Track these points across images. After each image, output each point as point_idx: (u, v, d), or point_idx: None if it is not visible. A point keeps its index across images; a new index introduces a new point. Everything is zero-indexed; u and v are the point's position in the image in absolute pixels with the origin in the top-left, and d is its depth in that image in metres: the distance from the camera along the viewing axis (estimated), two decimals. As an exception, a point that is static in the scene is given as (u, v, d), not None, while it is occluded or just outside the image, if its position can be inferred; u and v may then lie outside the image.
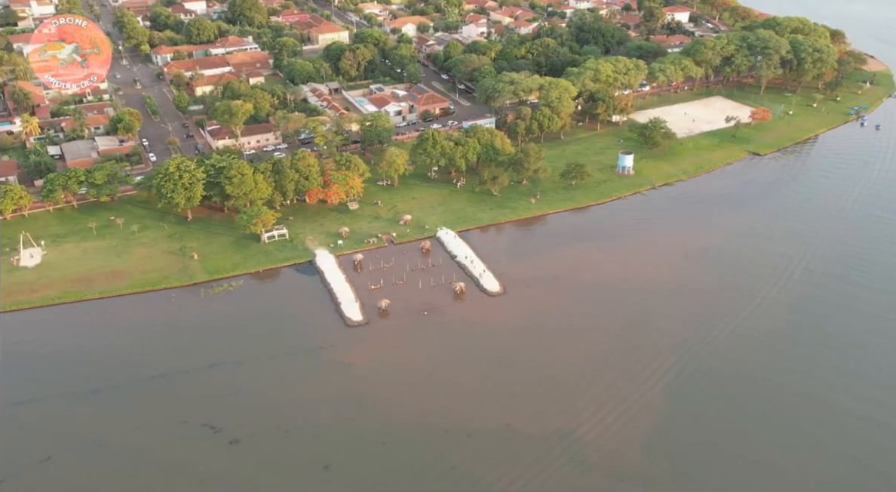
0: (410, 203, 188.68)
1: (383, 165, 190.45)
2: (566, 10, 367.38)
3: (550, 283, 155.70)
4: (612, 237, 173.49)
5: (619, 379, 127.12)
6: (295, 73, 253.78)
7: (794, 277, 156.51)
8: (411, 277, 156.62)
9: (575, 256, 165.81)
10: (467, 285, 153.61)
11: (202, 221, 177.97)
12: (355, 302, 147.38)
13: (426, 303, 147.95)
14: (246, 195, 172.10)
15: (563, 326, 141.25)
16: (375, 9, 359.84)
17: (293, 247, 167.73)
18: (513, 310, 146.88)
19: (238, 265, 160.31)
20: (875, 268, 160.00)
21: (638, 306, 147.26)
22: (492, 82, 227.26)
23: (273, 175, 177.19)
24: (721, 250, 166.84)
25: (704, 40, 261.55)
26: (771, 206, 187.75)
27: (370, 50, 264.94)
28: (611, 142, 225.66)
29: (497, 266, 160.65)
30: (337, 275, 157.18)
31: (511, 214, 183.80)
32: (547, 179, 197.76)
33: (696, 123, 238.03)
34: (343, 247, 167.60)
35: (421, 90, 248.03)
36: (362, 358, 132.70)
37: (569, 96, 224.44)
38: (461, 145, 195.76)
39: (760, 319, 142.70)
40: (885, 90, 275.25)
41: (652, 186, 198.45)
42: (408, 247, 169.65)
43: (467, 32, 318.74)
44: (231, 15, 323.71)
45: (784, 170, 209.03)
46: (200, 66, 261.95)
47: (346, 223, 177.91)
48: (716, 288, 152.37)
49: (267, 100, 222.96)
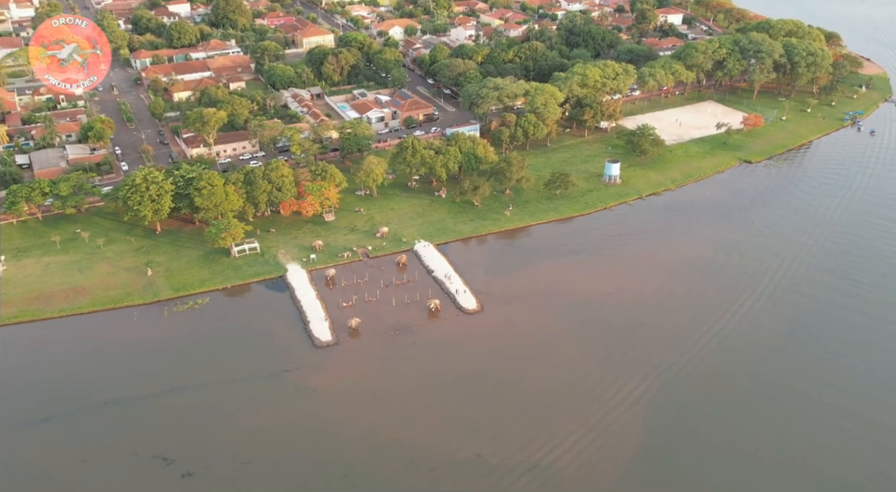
0: (389, 214, 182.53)
1: (361, 175, 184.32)
2: (558, 11, 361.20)
3: (530, 299, 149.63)
4: (595, 250, 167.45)
5: (596, 404, 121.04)
6: (275, 78, 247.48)
7: (783, 293, 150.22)
8: (385, 294, 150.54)
9: (557, 270, 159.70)
10: (443, 302, 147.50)
11: (171, 233, 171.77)
12: (325, 321, 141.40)
13: (399, 321, 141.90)
14: (216, 207, 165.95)
15: (540, 347, 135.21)
16: (363, 11, 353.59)
17: (264, 261, 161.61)
18: (489, 329, 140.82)
19: (205, 281, 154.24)
20: (870, 281, 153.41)
21: (619, 324, 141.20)
22: (476, 88, 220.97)
23: (245, 186, 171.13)
24: (708, 264, 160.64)
25: (696, 44, 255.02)
26: (761, 216, 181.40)
27: (354, 54, 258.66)
28: (598, 149, 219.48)
29: (475, 281, 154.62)
30: (308, 291, 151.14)
31: (492, 225, 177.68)
32: (531, 188, 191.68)
33: (686, 130, 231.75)
34: (316, 261, 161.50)
35: (405, 95, 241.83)
36: (328, 382, 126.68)
37: (555, 102, 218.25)
38: (442, 154, 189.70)
39: (747, 340, 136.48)
40: (881, 94, 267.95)
41: (639, 196, 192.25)
42: (383, 261, 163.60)
43: (455, 35, 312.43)
44: (214, 18, 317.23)
45: (776, 178, 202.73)
46: (179, 71, 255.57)
47: (320, 236, 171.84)
48: (701, 305, 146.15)
49: (245, 106, 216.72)
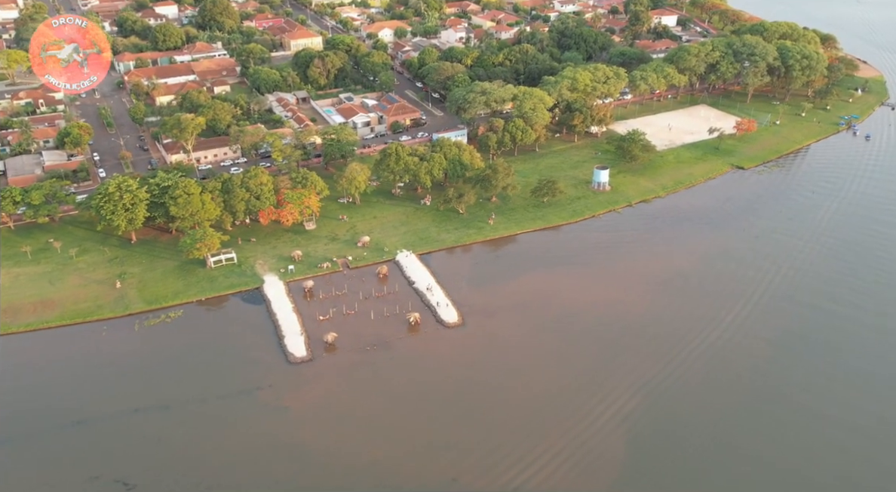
0: (371, 223, 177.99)
1: (343, 183, 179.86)
2: (550, 13, 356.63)
3: (513, 312, 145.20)
4: (582, 260, 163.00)
5: (578, 424, 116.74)
6: (260, 81, 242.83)
7: (773, 306, 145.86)
8: (364, 307, 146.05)
9: (541, 281, 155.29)
10: (423, 316, 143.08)
11: (147, 243, 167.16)
12: (300, 335, 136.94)
13: (377, 336, 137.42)
14: (192, 216, 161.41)
15: (521, 363, 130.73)
16: (353, 13, 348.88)
17: (241, 272, 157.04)
18: (470, 344, 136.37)
19: (179, 293, 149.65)
20: (865, 291, 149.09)
21: (604, 339, 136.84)
22: (463, 93, 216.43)
23: (222, 194, 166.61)
24: (696, 275, 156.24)
25: (688, 47, 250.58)
26: (752, 225, 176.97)
27: (340, 57, 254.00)
28: (588, 154, 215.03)
29: (457, 293, 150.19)
30: (284, 304, 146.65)
31: (477, 234, 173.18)
32: (517, 195, 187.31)
33: (677, 134, 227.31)
34: (294, 272, 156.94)
35: (391, 100, 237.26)
36: (301, 401, 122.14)
37: (543, 107, 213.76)
38: (426, 161, 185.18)
39: (736, 353, 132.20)
40: (877, 98, 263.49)
41: (628, 204, 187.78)
42: (364, 272, 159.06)
43: (446, 37, 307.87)
44: (201, 20, 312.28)
45: (768, 185, 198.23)
46: (163, 75, 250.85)
47: (300, 245, 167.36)
48: (689, 316, 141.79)
49: (227, 111, 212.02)
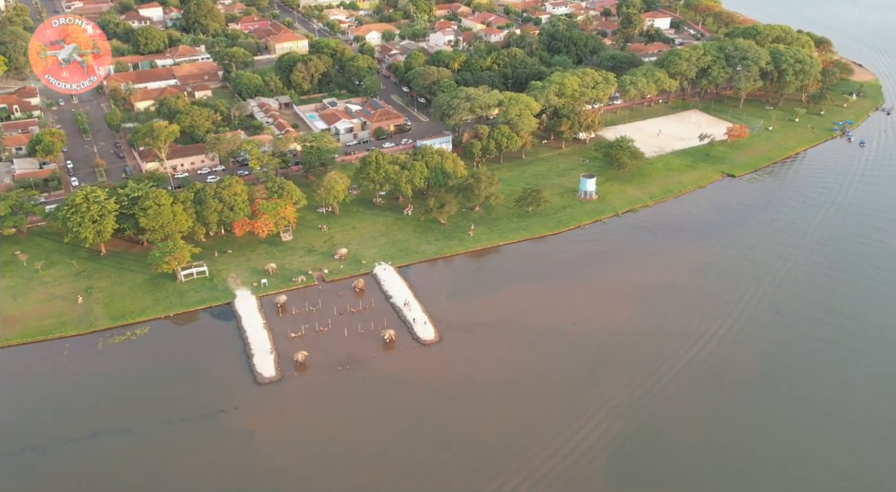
0: (350, 233, 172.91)
1: (321, 192, 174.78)
2: (542, 15, 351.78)
3: (492, 328, 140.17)
4: (565, 273, 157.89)
5: (557, 448, 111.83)
6: (242, 86, 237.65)
7: (762, 321, 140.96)
8: (338, 323, 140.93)
9: (523, 295, 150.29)
10: (398, 333, 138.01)
11: (116, 255, 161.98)
12: (270, 354, 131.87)
13: (350, 354, 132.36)
14: (162, 228, 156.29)
15: (500, 383, 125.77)
16: (341, 15, 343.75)
17: (212, 286, 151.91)
18: (446, 362, 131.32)
19: (147, 309, 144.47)
20: (855, 310, 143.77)
21: (587, 357, 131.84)
22: (447, 98, 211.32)
23: (194, 205, 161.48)
24: (683, 289, 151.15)
25: (679, 51, 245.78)
26: (742, 236, 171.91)
27: (325, 61, 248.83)
28: (575, 162, 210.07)
29: (435, 308, 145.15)
30: (255, 320, 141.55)
31: (458, 246, 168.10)
32: (501, 205, 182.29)
33: (667, 141, 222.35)
34: (267, 286, 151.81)
35: (376, 105, 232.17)
36: (268, 424, 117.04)
37: (530, 113, 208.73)
38: (407, 169, 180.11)
39: (719, 376, 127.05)
40: (872, 103, 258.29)
41: (615, 213, 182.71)
42: (340, 286, 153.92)
43: (434, 40, 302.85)
44: (185, 23, 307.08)
45: (759, 194, 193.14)
46: (143, 79, 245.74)
47: (275, 257, 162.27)
48: (672, 336, 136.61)
49: (205, 117, 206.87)
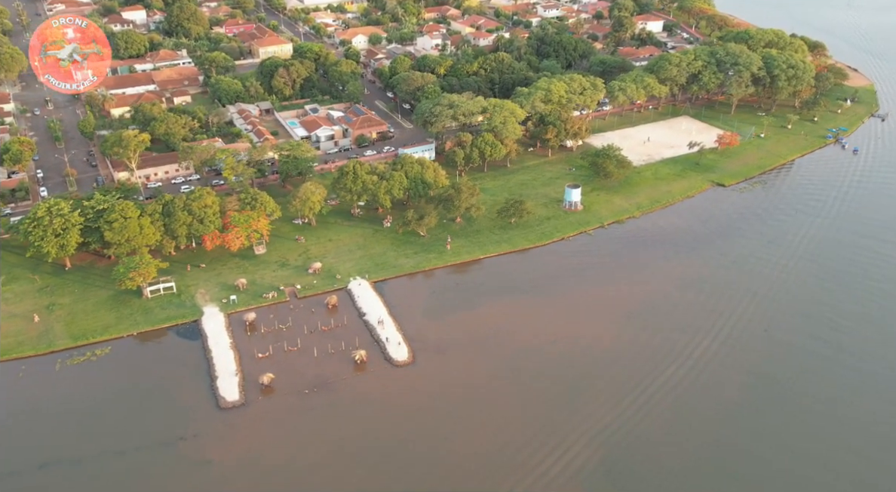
0: (326, 246, 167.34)
1: (296, 203, 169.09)
2: (533, 19, 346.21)
3: (468, 348, 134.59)
4: (546, 288, 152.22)
5: (537, 476, 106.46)
6: (221, 92, 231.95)
7: (750, 339, 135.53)
8: (308, 342, 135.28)
9: (502, 311, 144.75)
10: (371, 353, 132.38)
11: (82, 270, 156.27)
12: (235, 376, 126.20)
13: (318, 376, 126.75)
14: (128, 242, 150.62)
15: (474, 407, 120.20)
16: (328, 18, 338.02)
17: (180, 303, 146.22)
18: (419, 385, 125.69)
19: (110, 327, 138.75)
20: (849, 325, 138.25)
21: (565, 379, 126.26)
22: (429, 105, 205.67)
23: (163, 218, 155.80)
24: (668, 305, 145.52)
25: (669, 56, 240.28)
26: (731, 248, 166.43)
27: (307, 66, 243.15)
28: (562, 170, 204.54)
29: (410, 326, 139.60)
30: (222, 339, 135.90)
31: (437, 259, 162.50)
32: (484, 216, 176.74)
33: (656, 148, 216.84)
34: (237, 303, 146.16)
35: (358, 112, 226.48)
36: (227, 453, 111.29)
37: (515, 120, 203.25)
38: (386, 180, 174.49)
39: (706, 397, 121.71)
40: (866, 109, 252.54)
41: (600, 225, 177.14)
42: (312, 302, 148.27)
43: (422, 44, 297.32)
44: (168, 26, 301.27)
45: (749, 204, 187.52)
46: (121, 85, 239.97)
47: (247, 272, 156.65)
48: (657, 354, 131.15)
49: (180, 124, 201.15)
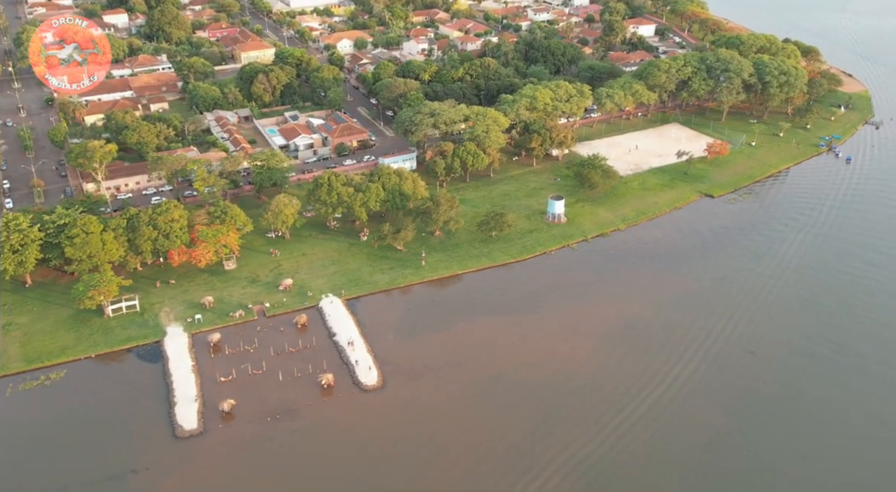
0: (299, 261, 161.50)
1: (268, 216, 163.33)
2: (523, 22, 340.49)
3: (441, 372, 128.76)
4: (525, 307, 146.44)
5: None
6: (198, 98, 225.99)
7: (735, 362, 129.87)
8: (274, 365, 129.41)
9: (478, 331, 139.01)
10: (339, 376, 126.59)
11: (43, 287, 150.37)
12: (195, 402, 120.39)
13: (283, 402, 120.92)
14: (90, 258, 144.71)
15: (444, 436, 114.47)
16: (314, 22, 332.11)
17: (142, 322, 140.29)
18: (387, 413, 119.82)
19: (67, 349, 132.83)
20: (838, 347, 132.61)
21: (542, 405, 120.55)
22: (409, 114, 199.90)
23: (127, 232, 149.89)
24: (649, 326, 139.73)
25: (658, 62, 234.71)
26: (717, 263, 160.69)
27: (287, 72, 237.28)
28: (546, 180, 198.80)
29: (381, 348, 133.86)
30: (184, 362, 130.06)
31: (413, 275, 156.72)
32: (464, 229, 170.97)
33: (644, 157, 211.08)
34: (202, 322, 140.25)
35: (338, 119, 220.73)
36: (180, 487, 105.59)
37: (498, 129, 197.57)
38: (362, 192, 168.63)
39: (689, 426, 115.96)
40: (860, 116, 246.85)
41: (584, 238, 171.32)
42: (281, 321, 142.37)
43: (408, 49, 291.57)
44: (149, 30, 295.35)
45: (738, 216, 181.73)
46: (97, 90, 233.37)
47: (216, 288, 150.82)
48: (636, 379, 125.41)
49: (154, 133, 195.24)
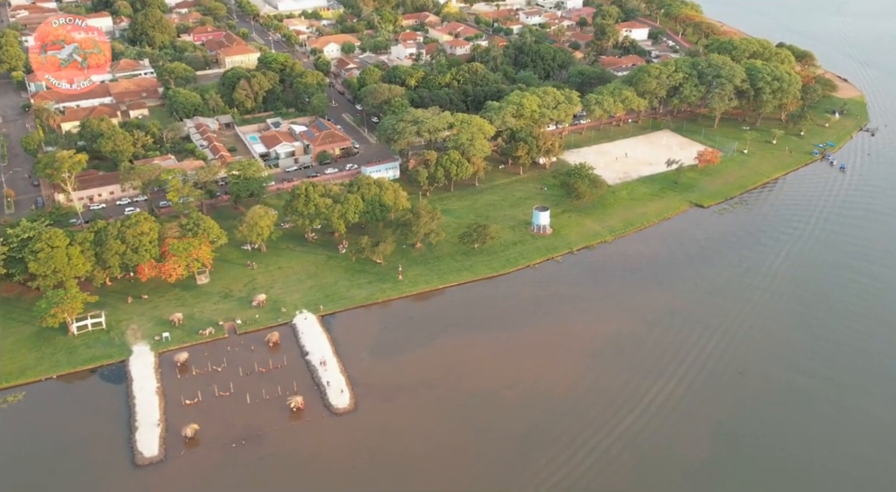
0: (274, 275, 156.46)
1: (243, 229, 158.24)
2: (514, 26, 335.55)
3: (417, 393, 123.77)
4: (506, 323, 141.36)
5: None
6: (178, 105, 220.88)
7: (722, 383, 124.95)
8: (242, 386, 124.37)
9: (456, 350, 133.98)
10: (309, 399, 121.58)
11: (7, 302, 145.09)
12: (157, 426, 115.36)
13: (249, 427, 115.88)
14: (55, 273, 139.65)
15: (417, 463, 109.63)
16: (301, 25, 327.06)
17: (108, 341, 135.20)
18: (358, 437, 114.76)
19: (28, 369, 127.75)
20: (832, 373, 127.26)
21: (519, 429, 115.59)
22: (392, 121, 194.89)
23: (94, 246, 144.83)
24: (633, 344, 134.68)
25: (649, 67, 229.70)
26: (705, 278, 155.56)
27: (270, 78, 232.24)
28: (533, 190, 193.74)
29: (355, 368, 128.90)
30: (148, 383, 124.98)
31: (392, 289, 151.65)
32: (446, 241, 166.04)
33: (633, 165, 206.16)
34: (170, 341, 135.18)
35: (321, 126, 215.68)
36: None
37: (483, 137, 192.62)
38: (340, 203, 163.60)
39: (673, 450, 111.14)
40: (855, 122, 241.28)
41: (569, 250, 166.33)
42: (252, 339, 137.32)
43: (396, 53, 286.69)
44: (132, 34, 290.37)
45: (728, 227, 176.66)
46: (74, 97, 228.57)
47: (186, 304, 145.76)
48: (618, 401, 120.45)
49: (130, 141, 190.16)
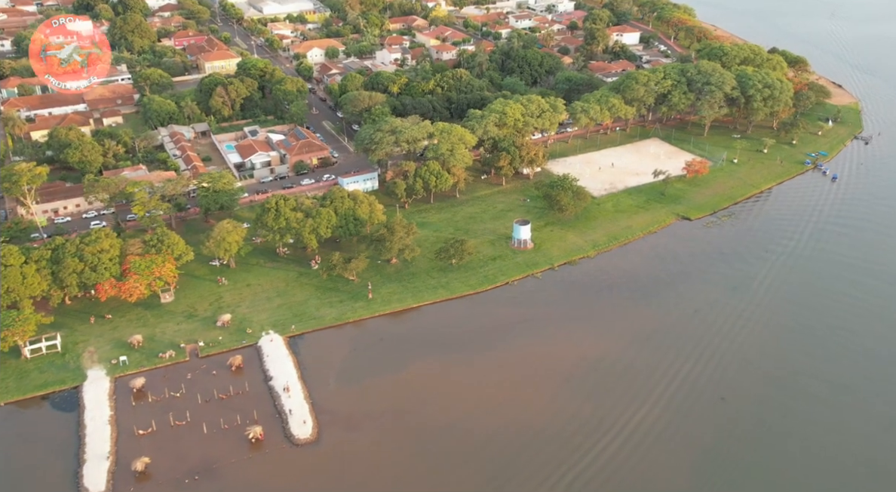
0: (242, 293, 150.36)
1: (210, 245, 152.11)
2: (504, 29, 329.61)
3: (383, 422, 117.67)
4: (481, 345, 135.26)
5: None
6: (152, 113, 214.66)
7: (702, 409, 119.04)
8: (199, 415, 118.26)
9: (428, 374, 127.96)
10: (268, 429, 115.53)
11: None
12: (106, 459, 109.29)
13: (204, 459, 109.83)
14: (9, 293, 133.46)
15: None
16: (287, 29, 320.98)
17: (63, 365, 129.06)
18: (318, 470, 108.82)
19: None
20: (821, 397, 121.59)
21: (488, 464, 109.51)
22: (369, 131, 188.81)
23: (50, 265, 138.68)
24: (614, 367, 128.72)
25: (637, 74, 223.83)
26: (690, 296, 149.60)
27: (248, 84, 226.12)
28: (515, 201, 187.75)
29: (320, 394, 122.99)
30: (101, 411, 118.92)
31: (364, 309, 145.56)
32: (422, 257, 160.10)
33: (620, 176, 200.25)
34: (127, 365, 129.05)
35: (299, 135, 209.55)
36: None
37: (464, 147, 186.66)
38: (312, 217, 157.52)
39: (648, 484, 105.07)
40: (849, 130, 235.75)
41: (550, 266, 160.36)
42: (215, 362, 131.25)
43: (381, 58, 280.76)
44: (111, 38, 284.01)
45: (715, 241, 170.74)
46: (47, 104, 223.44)
47: (148, 324, 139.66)
48: (593, 430, 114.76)
49: (99, 151, 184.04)
